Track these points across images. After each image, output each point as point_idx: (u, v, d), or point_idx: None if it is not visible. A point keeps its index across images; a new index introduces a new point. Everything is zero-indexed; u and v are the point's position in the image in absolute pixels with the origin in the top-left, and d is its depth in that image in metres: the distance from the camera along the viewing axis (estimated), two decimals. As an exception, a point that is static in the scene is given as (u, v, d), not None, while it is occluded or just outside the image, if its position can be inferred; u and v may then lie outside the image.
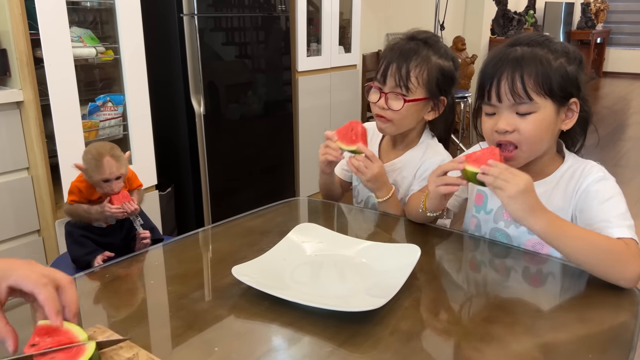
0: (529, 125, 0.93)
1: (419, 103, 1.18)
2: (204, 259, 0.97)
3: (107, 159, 1.17)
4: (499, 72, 0.94)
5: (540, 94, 0.92)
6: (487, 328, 0.73)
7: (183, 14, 2.26)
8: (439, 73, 1.17)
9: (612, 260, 0.83)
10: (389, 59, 1.17)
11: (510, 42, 0.99)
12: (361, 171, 1.13)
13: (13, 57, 1.84)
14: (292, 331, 0.71)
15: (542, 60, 0.93)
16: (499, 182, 0.85)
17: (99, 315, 0.77)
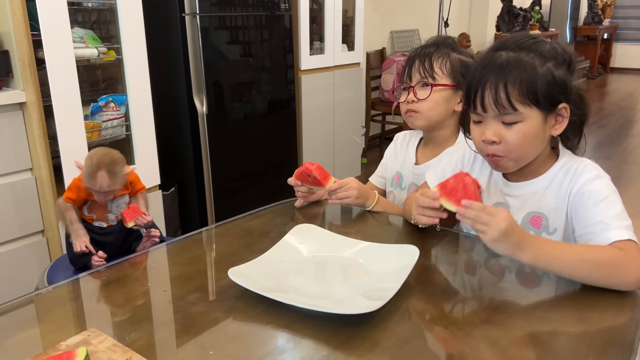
0: (514, 136, 0.91)
1: (446, 91, 1.21)
2: (201, 260, 0.96)
3: (101, 174, 1.17)
4: (483, 80, 0.91)
5: (525, 104, 0.90)
6: (485, 330, 0.72)
7: (185, 13, 2.26)
8: (461, 64, 1.21)
9: (609, 271, 0.81)
10: (412, 58, 1.22)
11: (497, 45, 0.97)
12: (345, 197, 1.15)
13: (15, 58, 1.84)
14: (289, 334, 0.71)
15: (526, 67, 0.90)
16: (479, 226, 0.81)
17: (94, 319, 0.77)
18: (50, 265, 1.35)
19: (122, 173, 1.19)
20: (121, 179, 1.19)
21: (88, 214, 1.28)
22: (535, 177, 0.99)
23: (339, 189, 1.15)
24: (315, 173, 1.14)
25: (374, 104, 4.24)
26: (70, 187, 1.23)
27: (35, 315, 0.78)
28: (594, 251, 0.85)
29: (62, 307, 0.80)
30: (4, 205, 1.91)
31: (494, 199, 1.03)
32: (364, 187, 1.19)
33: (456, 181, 0.87)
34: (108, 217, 1.27)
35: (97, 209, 1.26)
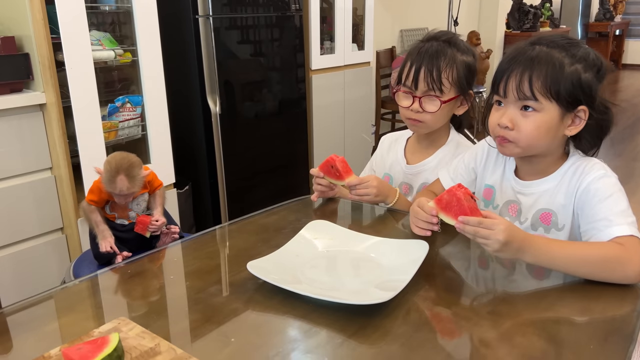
0: (529, 125, 0.94)
1: (452, 101, 1.22)
2: (220, 255, 1.01)
3: (120, 178, 1.21)
4: (511, 68, 0.94)
5: (546, 96, 0.92)
6: (492, 321, 0.76)
7: (198, 15, 2.31)
8: (465, 69, 1.21)
9: (610, 267, 0.84)
10: (417, 63, 1.20)
11: (533, 40, 0.99)
12: (365, 195, 1.17)
13: (35, 61, 1.90)
14: (305, 323, 0.75)
15: (555, 63, 0.92)
16: (479, 240, 0.85)
17: (121, 309, 0.82)
18: (76, 260, 1.41)
19: (140, 176, 1.24)
20: (139, 181, 1.24)
21: (110, 212, 1.33)
22: (546, 176, 1.02)
23: (359, 185, 1.17)
24: (339, 165, 1.17)
25: (384, 103, 4.27)
26: (91, 189, 1.28)
27: (67, 306, 0.83)
28: (594, 248, 0.88)
29: (92, 298, 0.85)
30: (24, 203, 1.96)
31: (506, 196, 1.07)
32: (384, 184, 1.20)
33: (450, 196, 0.90)
34: (129, 215, 1.32)
35: (119, 208, 1.32)
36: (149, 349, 0.65)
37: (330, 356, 0.69)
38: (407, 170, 1.31)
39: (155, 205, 1.33)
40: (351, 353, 0.69)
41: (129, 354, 0.64)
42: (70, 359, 0.60)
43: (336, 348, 0.70)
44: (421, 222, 0.96)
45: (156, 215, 1.31)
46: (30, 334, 0.76)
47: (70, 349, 0.61)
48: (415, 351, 0.69)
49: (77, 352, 0.60)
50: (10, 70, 1.87)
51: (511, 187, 1.06)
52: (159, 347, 0.65)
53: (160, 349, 0.65)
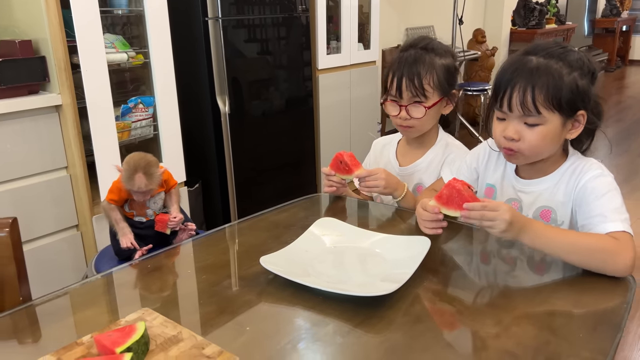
0: (534, 136, 0.99)
1: (437, 104, 1.27)
2: (233, 250, 1.06)
3: (138, 175, 1.28)
4: (513, 81, 0.98)
5: (548, 108, 0.97)
6: (490, 311, 0.81)
7: (208, 17, 2.36)
8: (445, 72, 1.26)
9: (601, 257, 0.89)
10: (399, 73, 1.25)
11: (529, 49, 1.03)
12: (374, 186, 1.23)
13: (52, 64, 1.96)
14: (314, 314, 0.80)
15: (554, 75, 0.96)
16: (485, 223, 0.90)
17: (143, 300, 0.88)
18: (97, 256, 1.47)
19: (157, 174, 1.30)
20: (156, 179, 1.30)
21: (129, 210, 1.39)
22: (546, 175, 1.07)
23: (368, 177, 1.22)
24: (347, 159, 1.23)
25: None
26: (111, 189, 1.34)
27: (92, 298, 0.89)
28: (588, 238, 0.93)
29: (115, 291, 0.91)
30: (41, 201, 2.03)
31: (507, 194, 1.12)
32: (392, 177, 1.25)
33: (449, 190, 0.96)
34: (147, 212, 1.39)
35: (137, 206, 1.38)
36: (172, 336, 0.71)
37: (338, 344, 0.74)
38: (400, 172, 1.36)
39: (171, 203, 1.39)
40: (357, 341, 0.75)
41: (154, 340, 0.70)
42: (102, 344, 0.66)
43: (343, 336, 0.75)
44: (428, 222, 1.01)
45: (174, 212, 1.37)
46: (60, 324, 0.82)
47: (102, 336, 0.67)
48: (416, 340, 0.75)
49: (108, 338, 0.66)
50: (28, 72, 1.93)
51: (512, 186, 1.11)
52: (181, 335, 0.71)
53: (182, 337, 0.70)
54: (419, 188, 1.32)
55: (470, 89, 4.78)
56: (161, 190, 1.39)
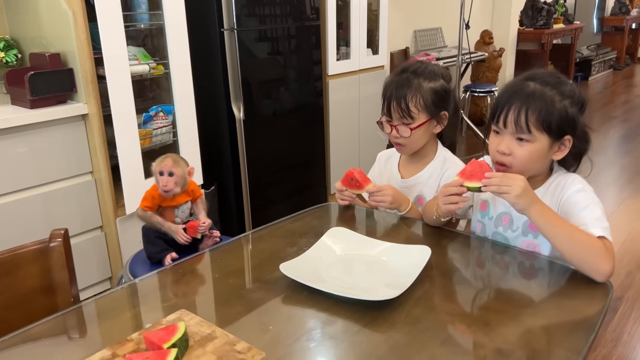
0: (523, 153, 1.11)
1: (424, 125, 1.38)
2: (256, 256, 1.18)
3: (167, 159, 1.48)
4: (510, 102, 1.11)
5: (538, 129, 1.09)
6: (481, 314, 0.93)
7: (224, 28, 2.48)
8: (432, 95, 1.37)
9: (588, 253, 1.00)
10: (389, 95, 1.38)
11: (528, 75, 1.15)
12: (381, 201, 1.34)
13: (79, 75, 2.09)
14: (328, 315, 0.92)
15: (547, 101, 1.08)
16: (503, 187, 1.04)
17: (178, 302, 1.00)
18: (130, 260, 1.60)
19: (183, 166, 1.47)
20: (182, 169, 1.47)
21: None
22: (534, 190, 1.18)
23: (377, 192, 1.34)
24: (357, 175, 1.34)
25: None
26: (145, 197, 1.48)
27: (133, 300, 1.02)
28: (583, 234, 1.04)
29: (153, 294, 1.04)
30: (67, 204, 2.16)
31: (499, 209, 1.23)
32: (399, 193, 1.36)
33: (472, 166, 1.10)
34: (175, 220, 1.52)
35: (167, 214, 1.51)
36: (207, 334, 0.83)
37: (349, 341, 0.86)
38: (402, 184, 1.47)
39: (199, 210, 1.53)
40: (365, 339, 0.87)
41: (192, 338, 0.82)
42: (151, 341, 0.78)
43: (353, 335, 0.87)
44: (452, 197, 1.13)
45: (202, 218, 1.52)
46: (106, 323, 0.94)
47: (150, 334, 0.79)
48: (416, 338, 0.87)
49: (156, 335, 0.78)
50: (57, 84, 2.06)
51: (504, 202, 1.22)
52: (215, 333, 0.83)
53: (216, 334, 0.83)
54: (420, 200, 1.43)
55: (477, 90, 4.87)
56: (188, 199, 1.52)
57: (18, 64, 2.23)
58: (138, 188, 2.22)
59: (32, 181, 2.05)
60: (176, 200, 1.50)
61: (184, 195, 1.51)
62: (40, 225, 2.10)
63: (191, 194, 1.53)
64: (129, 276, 1.49)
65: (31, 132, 2.00)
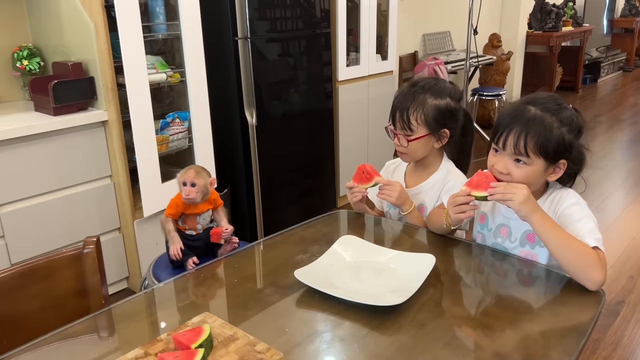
0: (520, 173, 1.17)
1: (423, 138, 1.45)
2: (271, 262, 1.26)
3: (190, 170, 1.58)
4: (510, 126, 1.17)
5: (536, 154, 1.15)
6: (482, 319, 1.00)
7: (238, 37, 2.56)
8: (434, 111, 1.44)
9: (582, 263, 1.07)
10: (394, 106, 1.47)
11: (529, 99, 1.21)
12: (388, 195, 1.42)
13: (99, 84, 2.17)
14: (339, 319, 1.00)
15: (546, 127, 1.14)
16: (508, 195, 1.12)
17: (200, 305, 1.08)
18: (154, 263, 1.69)
19: (206, 177, 1.56)
20: (204, 180, 1.56)
21: (182, 224, 1.62)
22: None
23: (386, 185, 1.41)
24: (368, 168, 1.43)
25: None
26: (170, 205, 1.57)
27: (158, 303, 1.10)
28: (580, 244, 1.10)
29: (177, 296, 1.12)
30: (87, 206, 2.25)
31: (498, 221, 1.31)
32: (405, 193, 1.44)
33: (479, 177, 1.18)
34: (197, 227, 1.61)
35: (189, 221, 1.60)
36: (229, 335, 0.91)
37: (358, 343, 0.94)
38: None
39: (220, 218, 1.63)
40: (373, 341, 0.94)
41: (216, 339, 0.90)
42: (179, 341, 0.86)
43: (362, 337, 0.95)
44: (462, 206, 1.20)
45: (224, 225, 1.62)
46: (136, 324, 1.03)
47: (178, 334, 0.88)
48: (421, 341, 0.94)
49: (184, 336, 0.86)
50: (78, 92, 2.15)
51: (502, 214, 1.29)
52: (237, 334, 0.91)
53: (238, 336, 0.91)
54: (422, 209, 1.50)
55: (485, 93, 4.92)
56: (209, 207, 1.61)
57: (41, 72, 2.32)
58: (155, 191, 2.31)
59: (54, 185, 2.14)
60: (198, 208, 1.59)
61: (206, 204, 1.61)
62: (61, 227, 2.19)
63: (212, 202, 1.63)
64: (153, 279, 1.58)
65: (54, 138, 2.09)
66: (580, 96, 6.94)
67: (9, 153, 1.98)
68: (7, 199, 2.01)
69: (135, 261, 2.41)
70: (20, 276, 1.04)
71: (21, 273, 1.05)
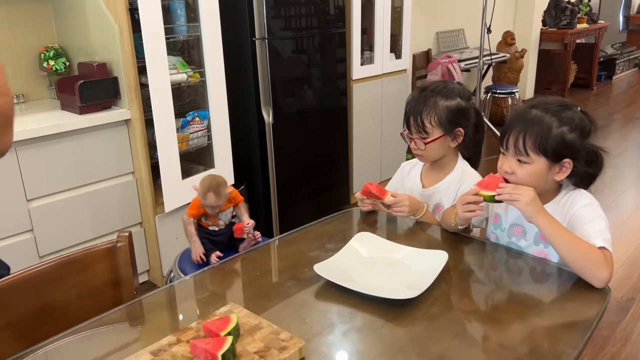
0: (523, 172, 1.23)
1: (439, 139, 1.51)
2: (291, 256, 1.33)
3: (209, 194, 1.58)
4: (512, 127, 1.24)
5: (535, 152, 1.21)
6: (491, 313, 1.06)
7: (255, 38, 2.63)
8: (447, 112, 1.50)
9: (588, 261, 1.12)
10: (408, 112, 1.52)
11: (535, 103, 1.27)
12: (400, 211, 1.48)
13: (123, 83, 2.25)
14: (355, 310, 1.06)
15: (544, 127, 1.20)
16: (515, 196, 1.17)
17: (225, 296, 1.15)
18: (179, 257, 1.77)
19: (225, 192, 1.59)
20: (224, 197, 1.60)
21: (205, 221, 1.69)
22: (544, 204, 1.30)
23: (395, 205, 1.47)
24: (375, 191, 1.48)
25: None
26: (191, 205, 1.64)
27: (186, 294, 1.17)
28: (585, 244, 1.16)
29: (204, 288, 1.19)
30: (110, 202, 2.34)
31: (511, 220, 1.36)
32: (414, 201, 1.50)
33: (490, 178, 1.24)
34: (219, 222, 1.68)
35: (211, 218, 1.67)
36: (254, 324, 0.98)
37: (375, 334, 1.00)
38: (422, 193, 1.60)
39: (241, 213, 1.70)
40: (388, 332, 1.01)
41: (242, 328, 0.97)
42: (209, 329, 0.93)
43: (378, 329, 1.01)
44: (470, 205, 1.26)
45: (246, 220, 1.68)
46: (166, 313, 1.10)
47: (208, 323, 0.94)
48: (433, 332, 1.00)
49: (213, 325, 0.93)
50: (103, 91, 2.23)
51: (515, 214, 1.34)
52: (261, 324, 0.98)
53: (262, 325, 0.97)
54: (439, 208, 1.56)
55: (498, 91, 4.94)
56: (230, 205, 1.68)
57: (66, 72, 2.41)
58: (176, 188, 2.39)
59: (79, 181, 2.23)
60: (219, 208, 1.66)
61: (227, 203, 1.67)
62: (86, 221, 2.28)
63: (233, 200, 1.69)
64: (179, 272, 1.65)
65: (79, 136, 2.18)
66: (595, 93, 6.91)
67: (38, 150, 2.06)
68: (35, 194, 2.10)
69: (156, 255, 2.49)
70: (59, 267, 1.12)
71: (60, 265, 1.12)
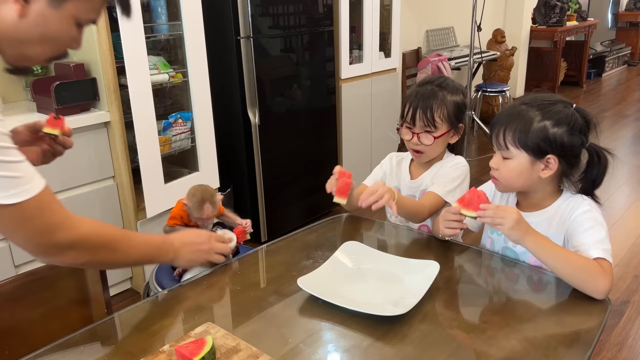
0: (506, 168, 1.21)
1: (445, 135, 1.47)
2: (274, 268, 1.25)
3: (207, 205, 1.47)
4: (497, 124, 1.22)
5: (515, 147, 1.18)
6: (485, 328, 0.99)
7: (240, 36, 2.55)
8: (454, 108, 1.46)
9: (585, 275, 1.07)
10: (415, 105, 1.45)
11: (522, 100, 1.23)
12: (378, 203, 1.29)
13: (101, 84, 2.17)
14: (342, 328, 0.99)
15: (525, 121, 1.17)
16: (497, 220, 1.10)
17: (203, 314, 1.07)
18: (156, 269, 1.67)
19: (218, 201, 1.50)
20: (218, 206, 1.50)
21: None
22: (542, 209, 1.25)
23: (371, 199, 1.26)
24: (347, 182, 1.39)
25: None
26: (173, 215, 1.54)
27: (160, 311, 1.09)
28: (579, 258, 1.10)
29: (179, 305, 1.11)
30: (90, 207, 2.25)
31: None
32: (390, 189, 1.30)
33: (471, 194, 1.16)
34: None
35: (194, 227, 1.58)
36: (232, 347, 0.90)
37: (362, 354, 0.93)
38: (410, 185, 1.56)
39: (232, 219, 1.55)
40: (377, 352, 0.94)
41: (219, 351, 0.89)
42: (182, 354, 0.86)
43: (366, 348, 0.94)
44: (452, 222, 1.20)
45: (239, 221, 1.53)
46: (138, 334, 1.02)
47: (181, 347, 0.87)
48: (425, 351, 0.94)
49: (186, 349, 0.86)
50: (81, 93, 2.15)
51: None
52: (239, 346, 0.90)
53: (240, 347, 0.90)
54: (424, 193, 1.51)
55: (488, 89, 4.89)
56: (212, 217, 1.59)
57: (43, 73, 2.32)
58: (158, 192, 2.31)
59: (57, 186, 2.13)
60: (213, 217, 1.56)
61: None
62: (65, 228, 2.18)
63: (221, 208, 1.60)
64: (155, 286, 1.57)
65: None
66: (585, 91, 6.90)
67: (12, 155, 1.97)
68: (10, 201, 2.00)
69: (138, 262, 2.40)
70: (21, 286, 1.04)
71: (23, 283, 1.04)
